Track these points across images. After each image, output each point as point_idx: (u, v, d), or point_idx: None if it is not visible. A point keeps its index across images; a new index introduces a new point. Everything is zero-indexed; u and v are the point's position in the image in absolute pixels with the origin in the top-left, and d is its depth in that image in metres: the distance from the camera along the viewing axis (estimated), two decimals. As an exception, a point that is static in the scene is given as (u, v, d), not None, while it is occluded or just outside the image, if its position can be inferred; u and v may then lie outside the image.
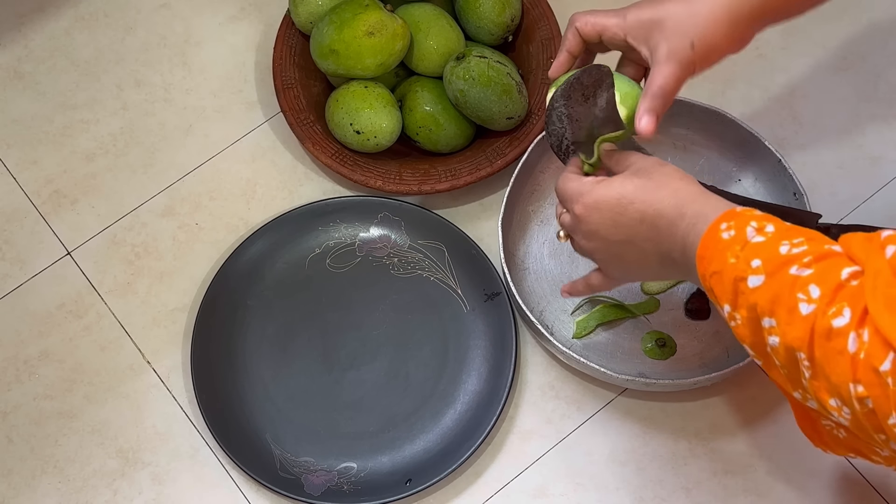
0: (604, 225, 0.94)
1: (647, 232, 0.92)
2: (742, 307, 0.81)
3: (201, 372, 1.21)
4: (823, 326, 0.75)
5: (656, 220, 0.91)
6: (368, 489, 1.17)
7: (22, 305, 1.27)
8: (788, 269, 0.78)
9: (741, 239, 0.82)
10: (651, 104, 0.98)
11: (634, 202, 0.92)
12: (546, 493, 1.18)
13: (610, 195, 0.93)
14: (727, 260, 0.82)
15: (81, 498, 1.19)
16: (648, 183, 0.92)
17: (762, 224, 0.83)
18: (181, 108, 1.36)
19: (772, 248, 0.80)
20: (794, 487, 1.18)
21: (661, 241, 0.91)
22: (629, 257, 0.96)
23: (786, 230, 0.82)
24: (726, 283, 0.82)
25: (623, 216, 0.93)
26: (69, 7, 1.41)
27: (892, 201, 1.30)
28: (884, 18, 1.39)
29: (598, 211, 0.94)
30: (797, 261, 0.78)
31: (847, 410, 0.75)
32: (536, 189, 1.29)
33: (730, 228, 0.83)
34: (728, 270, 0.82)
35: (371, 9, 1.24)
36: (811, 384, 0.78)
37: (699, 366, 1.20)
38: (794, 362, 0.78)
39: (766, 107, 1.35)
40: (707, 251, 0.85)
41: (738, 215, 0.84)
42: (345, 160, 1.27)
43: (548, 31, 1.32)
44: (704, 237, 0.85)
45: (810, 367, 0.77)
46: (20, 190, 1.32)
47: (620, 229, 0.93)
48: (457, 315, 1.25)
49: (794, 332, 0.77)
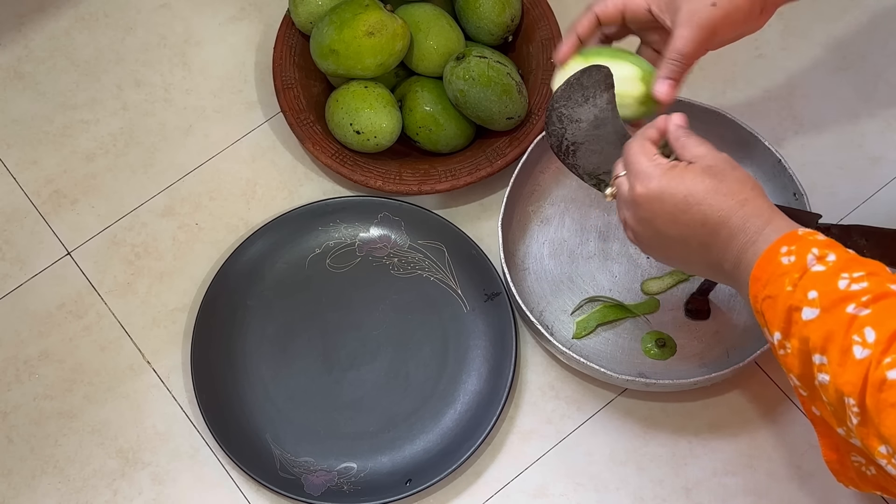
0: (662, 217, 0.90)
1: (705, 236, 0.88)
2: (794, 337, 0.79)
3: (201, 372, 1.21)
4: (878, 378, 0.73)
5: (718, 228, 0.87)
6: (368, 489, 1.17)
7: (22, 305, 1.27)
8: (846, 306, 0.76)
9: (801, 266, 0.80)
10: (669, 69, 0.96)
11: (701, 203, 0.88)
12: (546, 493, 1.18)
13: (678, 189, 0.89)
14: (784, 287, 0.80)
15: (81, 498, 1.19)
16: (720, 186, 0.88)
17: (824, 252, 0.80)
18: (181, 108, 1.36)
19: (831, 280, 0.77)
20: (794, 487, 1.17)
21: (717, 248, 0.88)
22: (674, 252, 0.93)
23: (847, 261, 0.79)
24: (780, 310, 0.80)
25: (685, 214, 0.89)
26: (69, 7, 1.41)
27: (892, 201, 1.30)
28: (884, 18, 1.39)
29: (661, 202, 0.90)
30: (855, 299, 0.76)
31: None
32: (536, 189, 1.29)
33: (790, 253, 0.81)
34: (783, 298, 0.79)
35: (371, 9, 1.24)
36: (859, 430, 0.76)
37: (699, 366, 1.20)
38: (842, 404, 0.76)
39: (766, 107, 1.35)
40: (763, 273, 0.82)
41: (800, 239, 0.82)
42: (345, 160, 1.27)
43: (548, 31, 1.32)
44: (762, 258, 0.82)
45: (860, 413, 0.75)
46: (20, 190, 1.32)
47: (678, 227, 0.90)
48: (457, 315, 1.25)
49: (846, 377, 0.75)
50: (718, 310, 1.22)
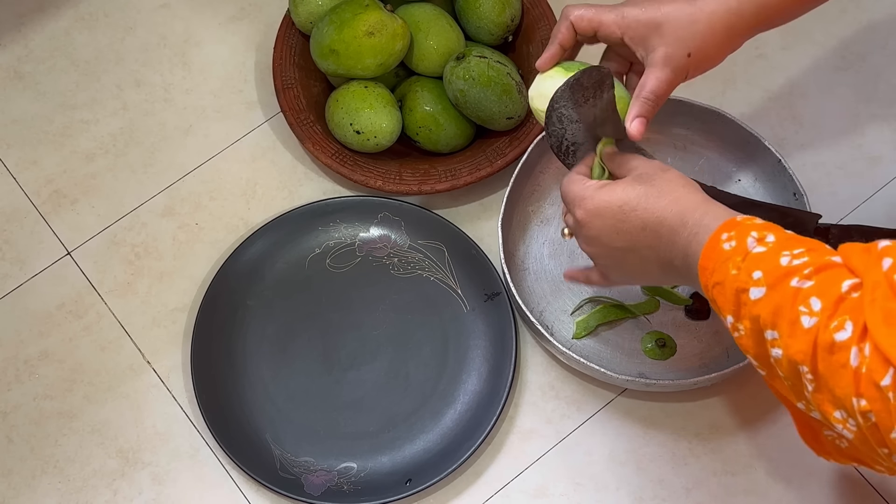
0: (605, 231, 0.94)
1: (648, 240, 0.92)
2: (745, 318, 0.81)
3: (201, 372, 1.21)
4: (826, 340, 0.75)
5: (658, 229, 0.91)
6: (368, 489, 1.17)
7: (22, 305, 1.27)
8: (789, 281, 0.78)
9: (742, 249, 0.82)
10: (641, 109, 0.99)
11: (636, 209, 0.92)
12: (546, 493, 1.18)
13: (612, 202, 0.93)
14: (729, 271, 0.82)
15: (81, 498, 1.19)
16: (651, 190, 0.92)
17: (763, 234, 0.82)
18: (181, 108, 1.36)
19: (773, 259, 0.80)
20: (794, 487, 1.18)
21: (663, 249, 0.91)
22: (630, 263, 0.96)
23: (786, 240, 0.82)
24: (728, 294, 0.82)
25: (625, 223, 0.93)
26: (69, 7, 1.41)
27: (892, 201, 1.30)
28: (884, 18, 1.39)
29: (600, 217, 0.94)
30: (798, 272, 0.78)
31: (853, 423, 0.75)
32: (536, 189, 1.29)
33: (731, 239, 0.83)
34: (730, 282, 0.82)
35: (371, 9, 1.24)
36: (814, 397, 0.78)
37: (699, 366, 1.20)
38: (797, 375, 0.78)
39: (766, 107, 1.35)
40: (709, 262, 0.84)
41: (739, 225, 0.84)
42: (345, 160, 1.27)
43: (548, 31, 1.32)
44: (706, 247, 0.85)
45: (814, 380, 0.77)
46: (20, 190, 1.32)
47: (622, 236, 0.93)
48: (457, 315, 1.25)
49: (797, 346, 0.77)
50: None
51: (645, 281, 1.01)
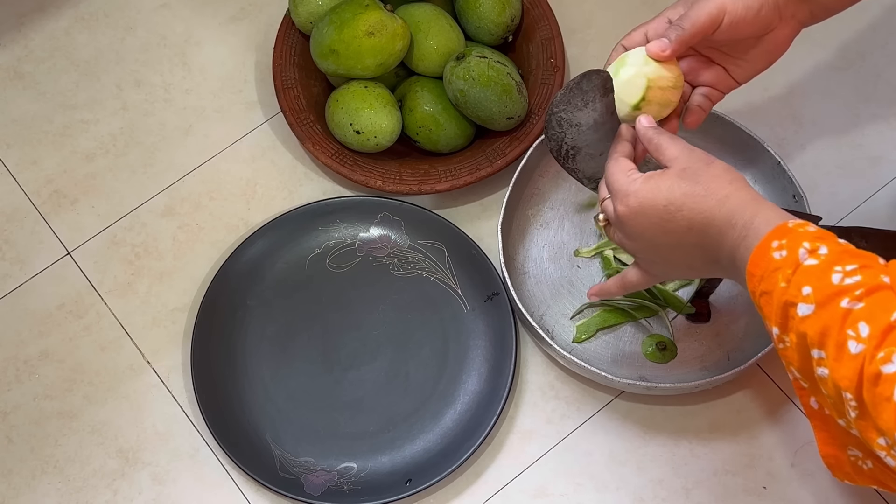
0: (649, 229, 0.92)
1: (695, 238, 0.90)
2: (792, 332, 0.80)
3: (201, 372, 1.21)
4: (872, 372, 0.73)
5: (705, 229, 0.88)
6: (368, 489, 1.17)
7: (22, 305, 1.27)
8: (839, 301, 0.76)
9: (793, 261, 0.80)
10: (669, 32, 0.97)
11: (682, 209, 0.89)
12: (546, 493, 1.18)
13: (657, 200, 0.90)
14: (778, 283, 0.80)
15: (81, 498, 1.19)
16: (696, 188, 0.89)
17: (815, 245, 0.80)
18: (181, 108, 1.36)
19: (824, 275, 0.78)
20: (794, 487, 1.18)
21: (710, 248, 0.89)
22: (675, 259, 0.94)
23: (839, 253, 0.79)
24: (776, 306, 0.80)
25: (671, 223, 0.90)
26: (69, 7, 1.41)
27: (892, 201, 1.30)
28: (884, 18, 1.39)
29: (644, 215, 0.92)
30: (849, 293, 0.76)
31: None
32: (536, 193, 1.28)
33: (781, 248, 0.81)
34: (778, 294, 0.80)
35: (371, 9, 1.24)
36: (857, 423, 0.76)
37: (700, 369, 1.20)
38: (840, 398, 0.77)
39: (766, 107, 1.35)
40: (758, 269, 0.83)
41: (791, 232, 0.82)
42: (345, 160, 1.27)
43: (548, 31, 1.32)
44: (755, 254, 0.83)
45: (857, 407, 0.75)
46: (20, 190, 1.32)
47: (667, 235, 0.91)
48: (457, 315, 1.25)
49: (843, 371, 0.75)
50: (719, 312, 1.22)
51: (689, 275, 0.99)
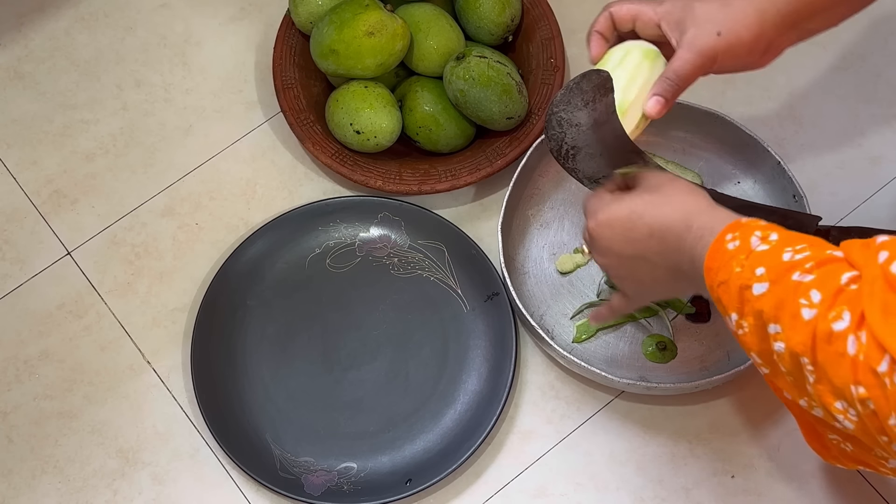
0: (616, 241, 0.96)
1: (656, 246, 0.93)
2: (748, 315, 0.82)
3: (201, 372, 1.21)
4: (824, 330, 0.76)
5: (664, 234, 0.92)
6: (368, 489, 1.17)
7: (22, 305, 1.27)
8: (791, 275, 0.79)
9: (746, 248, 0.83)
10: (661, 87, 1.00)
11: (643, 216, 0.93)
12: (546, 493, 1.18)
13: (621, 211, 0.95)
14: (733, 269, 0.83)
15: (81, 498, 1.19)
16: (657, 198, 0.94)
17: (766, 233, 0.84)
18: (181, 108, 1.36)
19: (775, 255, 0.81)
20: (794, 487, 1.18)
21: (670, 254, 0.92)
22: (641, 273, 0.97)
23: (789, 237, 0.83)
24: (733, 291, 0.83)
25: (633, 231, 0.94)
26: (69, 7, 1.41)
27: (892, 201, 1.30)
28: (884, 18, 1.39)
29: (610, 227, 0.96)
30: (799, 267, 0.79)
31: (853, 412, 0.76)
32: (536, 193, 1.28)
33: (735, 239, 0.85)
34: (734, 279, 0.83)
35: (371, 9, 1.24)
36: (815, 388, 0.79)
37: (700, 369, 1.20)
38: (799, 368, 0.79)
39: (766, 107, 1.35)
40: (714, 262, 0.86)
41: (744, 226, 0.86)
42: (345, 160, 1.27)
43: (548, 31, 1.32)
44: (711, 248, 0.86)
45: (814, 371, 0.78)
46: (20, 190, 1.32)
47: (631, 245, 0.95)
48: (457, 315, 1.25)
49: (798, 337, 0.78)
50: (719, 312, 1.22)
51: (658, 292, 1.03)
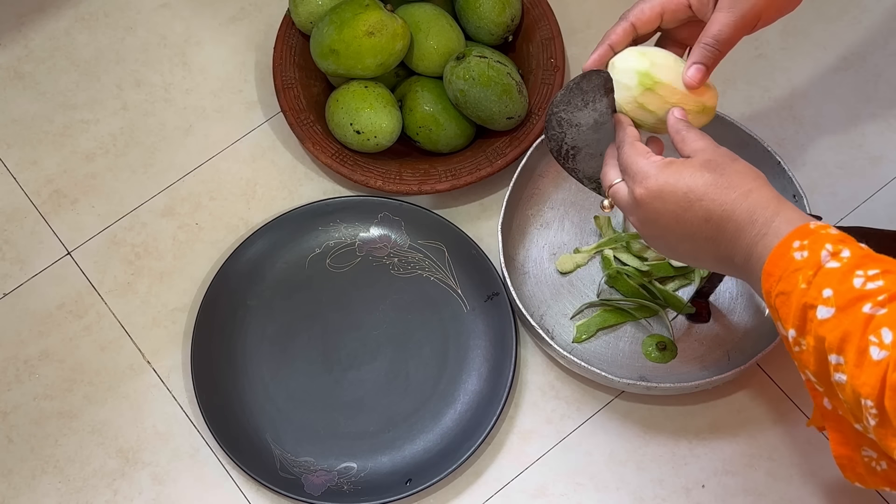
0: (665, 216, 0.89)
1: (710, 232, 0.87)
2: (809, 335, 0.78)
3: (201, 372, 1.21)
4: (895, 380, 0.72)
5: (723, 223, 0.86)
6: (368, 489, 1.17)
7: (22, 305, 1.27)
8: (861, 306, 0.75)
9: (815, 262, 0.78)
10: (701, 55, 0.93)
11: (703, 199, 0.86)
12: (546, 493, 1.18)
13: (678, 186, 0.87)
14: (798, 284, 0.78)
15: (81, 498, 1.19)
16: (720, 180, 0.86)
17: (837, 248, 0.78)
18: (181, 108, 1.36)
19: (846, 278, 0.76)
20: (794, 487, 1.18)
21: (725, 244, 0.86)
22: (683, 249, 0.91)
23: (862, 257, 0.78)
24: (794, 307, 0.79)
25: (688, 212, 0.87)
26: (69, 7, 1.41)
27: (892, 201, 1.30)
28: (884, 18, 1.39)
29: (662, 200, 0.88)
30: (871, 298, 0.74)
31: None
32: (536, 193, 1.28)
33: (803, 248, 0.79)
34: (797, 295, 0.78)
35: (371, 9, 1.24)
36: (876, 430, 0.75)
37: (700, 369, 1.20)
38: (858, 405, 0.75)
39: (766, 107, 1.35)
40: (776, 269, 0.81)
41: (813, 233, 0.80)
42: (345, 160, 1.27)
43: (548, 31, 1.32)
44: (774, 253, 0.81)
45: (878, 415, 0.74)
46: (20, 190, 1.32)
47: (682, 225, 0.88)
48: (457, 315, 1.25)
49: (864, 378, 0.74)
50: (719, 312, 1.22)
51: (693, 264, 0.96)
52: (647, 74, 0.95)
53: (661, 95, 0.95)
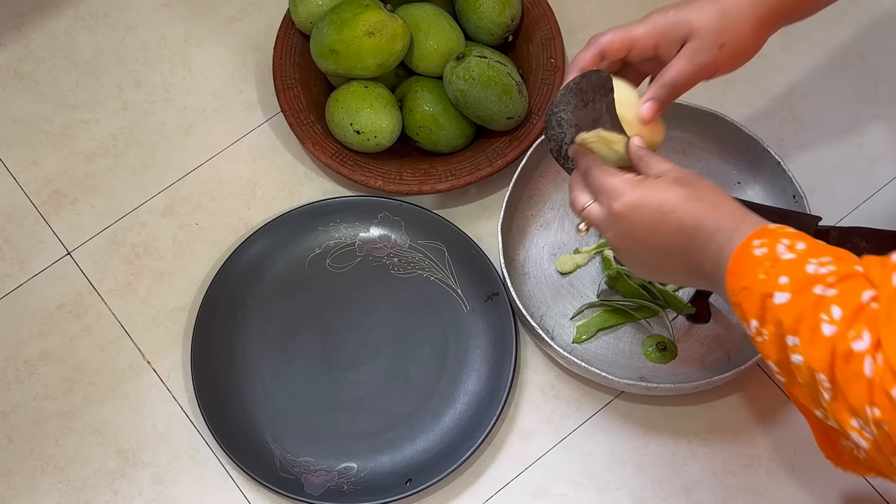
0: (640, 228, 0.93)
1: (682, 242, 0.91)
2: (769, 323, 0.81)
3: (201, 372, 1.21)
4: (843, 349, 0.75)
5: (694, 232, 0.90)
6: (368, 489, 1.17)
7: (22, 305, 1.27)
8: (813, 287, 0.78)
9: (772, 256, 0.82)
10: (656, 92, 0.98)
11: (676, 211, 0.90)
12: (546, 493, 1.18)
13: (652, 199, 0.92)
14: (757, 276, 0.82)
15: (81, 498, 1.19)
16: (692, 192, 0.91)
17: (793, 241, 0.83)
18: (181, 108, 1.36)
19: (800, 266, 0.80)
20: (795, 487, 1.18)
21: (695, 252, 0.90)
22: (653, 262, 0.95)
23: (815, 248, 0.82)
24: (755, 298, 0.82)
25: (662, 223, 0.91)
26: (69, 7, 1.41)
27: (892, 201, 1.30)
28: (884, 18, 1.39)
29: (637, 213, 0.92)
30: (822, 280, 0.78)
31: (868, 431, 0.76)
32: (535, 193, 1.28)
33: (762, 245, 0.83)
34: (757, 286, 0.82)
35: (371, 9, 1.24)
36: (831, 405, 0.78)
37: (700, 369, 1.20)
38: (815, 382, 0.79)
39: (766, 107, 1.35)
40: (738, 266, 0.84)
41: (772, 232, 0.84)
42: (345, 160, 1.28)
43: (548, 31, 1.32)
44: (736, 252, 0.85)
45: (831, 388, 0.77)
46: (20, 190, 1.32)
47: (655, 236, 0.92)
48: (457, 315, 1.25)
49: (816, 353, 0.77)
50: (719, 313, 1.22)
51: (662, 279, 1.00)
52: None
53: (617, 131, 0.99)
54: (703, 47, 0.97)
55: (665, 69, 0.99)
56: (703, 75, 0.99)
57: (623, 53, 1.00)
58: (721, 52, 0.97)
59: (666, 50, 0.99)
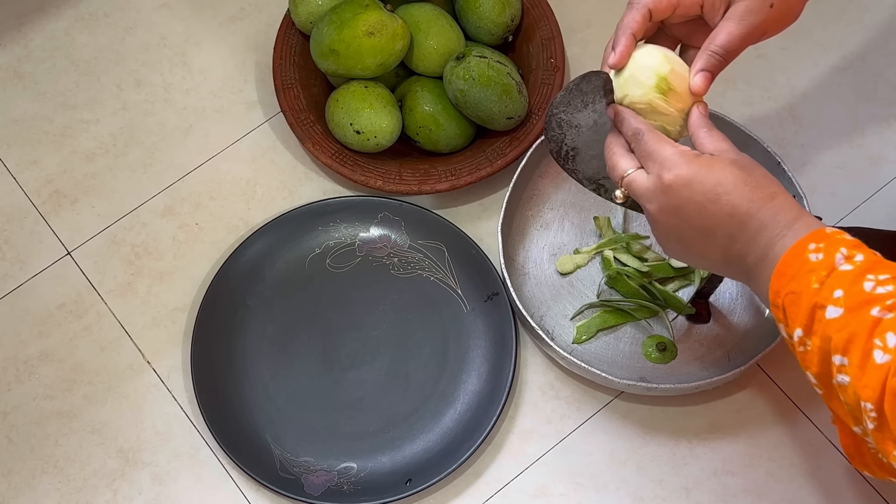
0: (689, 206, 0.88)
1: (732, 228, 0.87)
2: (816, 335, 0.78)
3: (201, 372, 1.21)
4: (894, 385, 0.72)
5: (747, 219, 0.86)
6: (368, 489, 1.17)
7: (22, 305, 1.27)
8: (870, 309, 0.75)
9: (829, 264, 0.79)
10: (707, 62, 0.93)
11: (731, 193, 0.86)
12: (546, 493, 1.18)
13: (708, 178, 0.87)
14: (810, 283, 0.79)
15: (81, 498, 1.19)
16: (749, 179, 0.86)
17: (852, 252, 0.79)
18: (181, 108, 1.36)
19: (857, 281, 0.77)
20: (794, 487, 1.18)
21: (742, 241, 0.86)
22: (694, 243, 0.90)
23: (874, 263, 0.79)
24: (804, 306, 0.79)
25: (715, 204, 0.87)
26: (69, 7, 1.41)
27: (892, 201, 1.30)
28: (884, 18, 1.39)
29: (690, 189, 0.87)
30: (880, 302, 0.75)
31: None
32: (536, 193, 1.28)
33: (818, 251, 0.80)
34: (808, 294, 0.79)
35: (371, 9, 1.24)
36: (875, 434, 0.75)
37: (700, 369, 1.20)
38: (859, 408, 0.76)
39: (766, 107, 1.35)
40: (789, 268, 0.81)
41: (829, 237, 0.81)
42: (345, 160, 1.28)
43: (548, 31, 1.32)
44: (789, 253, 0.81)
45: (877, 419, 0.74)
46: (20, 190, 1.32)
47: (704, 217, 0.88)
48: (457, 315, 1.25)
49: (865, 380, 0.74)
50: (719, 313, 1.22)
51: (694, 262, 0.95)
52: (665, 80, 0.94)
53: (668, 102, 0.95)
54: (753, 7, 0.92)
55: (713, 35, 0.93)
56: (753, 39, 0.93)
57: (670, 11, 0.95)
58: (772, 12, 0.92)
59: (711, 8, 0.94)
